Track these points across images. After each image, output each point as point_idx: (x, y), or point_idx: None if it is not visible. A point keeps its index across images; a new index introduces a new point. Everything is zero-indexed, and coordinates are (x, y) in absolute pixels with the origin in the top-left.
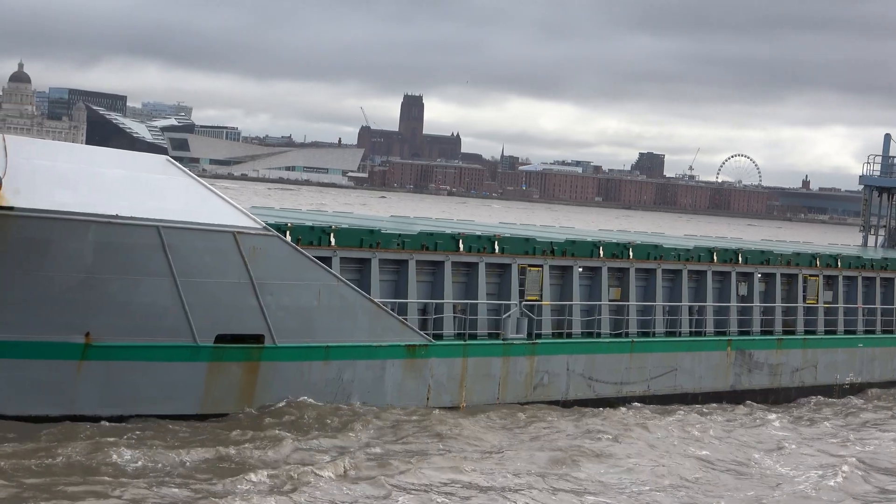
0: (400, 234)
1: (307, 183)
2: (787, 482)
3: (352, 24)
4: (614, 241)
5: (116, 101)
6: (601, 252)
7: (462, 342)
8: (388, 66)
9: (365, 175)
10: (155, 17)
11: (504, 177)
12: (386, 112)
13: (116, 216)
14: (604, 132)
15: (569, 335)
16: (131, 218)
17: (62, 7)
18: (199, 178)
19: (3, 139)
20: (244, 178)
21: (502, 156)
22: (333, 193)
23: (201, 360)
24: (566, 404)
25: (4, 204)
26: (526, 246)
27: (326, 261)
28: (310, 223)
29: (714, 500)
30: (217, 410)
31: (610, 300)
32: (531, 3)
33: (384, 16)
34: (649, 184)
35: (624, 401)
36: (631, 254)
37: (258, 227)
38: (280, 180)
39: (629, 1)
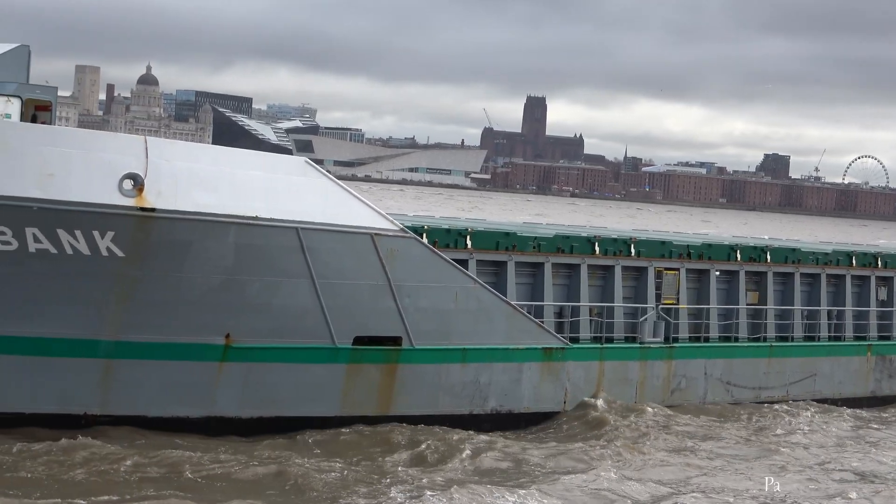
0: (536, 237)
1: (430, 184)
2: None
3: (484, 27)
4: (751, 244)
5: (242, 103)
6: (738, 255)
7: (599, 346)
8: (515, 69)
9: (487, 176)
10: (290, 22)
11: (627, 178)
12: (509, 114)
13: (256, 218)
14: (730, 134)
15: (706, 339)
16: (271, 220)
17: (196, 12)
18: (337, 180)
19: (145, 141)
20: (368, 179)
21: (625, 157)
22: (451, 196)
23: (340, 361)
24: (703, 409)
25: (146, 206)
26: (662, 249)
27: (463, 263)
28: (446, 226)
29: None
30: (355, 412)
31: (747, 304)
32: (662, 5)
33: (516, 19)
34: (774, 185)
35: (762, 406)
36: (768, 257)
37: (396, 228)
38: (403, 181)
39: (761, 3)
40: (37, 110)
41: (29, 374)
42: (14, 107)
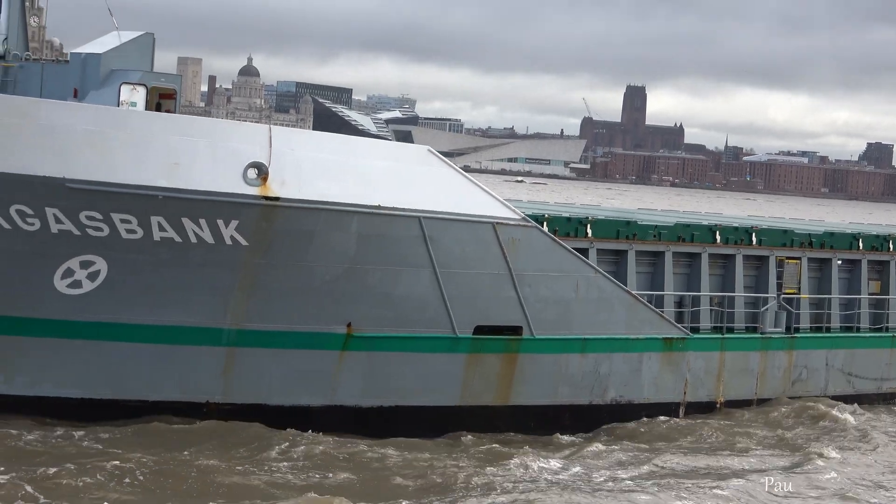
0: (656, 226)
1: (529, 174)
2: None
3: (591, 19)
4: (874, 233)
5: (342, 94)
6: (860, 244)
7: (719, 336)
8: (616, 59)
9: (587, 166)
10: (397, 16)
11: (727, 167)
12: (609, 104)
13: (379, 207)
14: (833, 123)
15: (827, 329)
16: (393, 209)
17: (303, 6)
18: (459, 169)
19: (269, 130)
20: (466, 169)
21: (726, 146)
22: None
23: (460, 351)
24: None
25: (270, 195)
26: (784, 238)
27: (583, 252)
28: (566, 214)
29: None
30: (475, 402)
31: (869, 294)
32: None
33: (623, 11)
34: (877, 174)
35: (884, 398)
36: (891, 246)
37: (517, 217)
38: (502, 171)
39: None
40: (161, 98)
41: (153, 361)
42: (139, 95)
